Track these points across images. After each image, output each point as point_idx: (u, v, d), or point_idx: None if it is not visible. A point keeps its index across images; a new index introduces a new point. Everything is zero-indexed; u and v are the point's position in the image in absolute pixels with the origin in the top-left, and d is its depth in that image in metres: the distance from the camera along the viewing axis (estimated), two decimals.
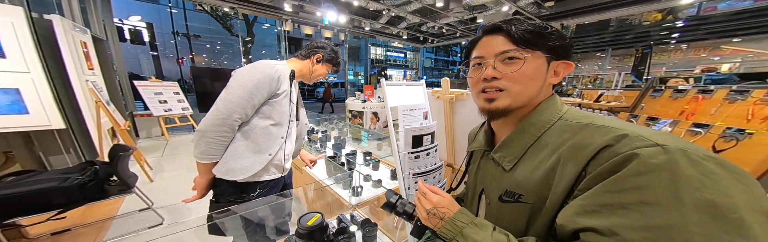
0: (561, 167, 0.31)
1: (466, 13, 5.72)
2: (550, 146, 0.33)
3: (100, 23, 3.07)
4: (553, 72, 0.37)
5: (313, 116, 2.95)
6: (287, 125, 0.80)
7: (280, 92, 0.76)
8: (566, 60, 0.37)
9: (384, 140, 1.99)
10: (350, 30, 6.90)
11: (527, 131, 0.37)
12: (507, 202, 0.36)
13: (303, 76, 0.87)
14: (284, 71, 0.78)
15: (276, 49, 8.42)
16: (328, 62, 0.88)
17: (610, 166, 0.26)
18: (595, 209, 0.26)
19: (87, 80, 1.96)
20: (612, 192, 0.25)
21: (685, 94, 1.90)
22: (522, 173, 0.35)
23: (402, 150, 0.81)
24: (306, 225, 0.58)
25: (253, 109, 0.72)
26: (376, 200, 1.20)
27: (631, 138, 0.26)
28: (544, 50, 0.35)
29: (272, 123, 0.77)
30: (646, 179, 0.24)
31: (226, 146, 0.72)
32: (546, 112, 0.37)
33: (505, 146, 0.39)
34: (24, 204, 1.08)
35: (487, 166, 0.43)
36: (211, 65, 6.28)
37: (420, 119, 0.86)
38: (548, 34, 0.35)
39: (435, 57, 21.54)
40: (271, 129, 0.77)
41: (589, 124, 0.32)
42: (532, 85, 0.36)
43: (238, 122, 0.71)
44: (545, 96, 0.38)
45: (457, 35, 7.50)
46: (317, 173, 1.47)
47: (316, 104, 9.22)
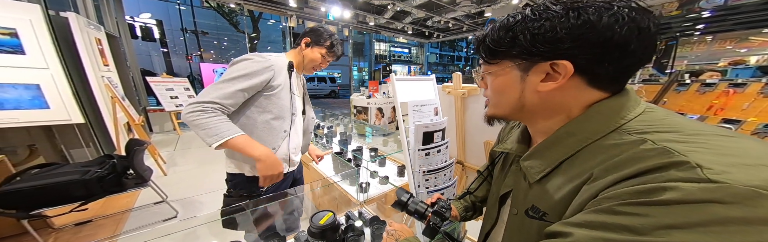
0: (588, 184, 0.26)
1: (474, 7, 5.53)
2: (592, 162, 0.27)
3: (113, 20, 3.13)
4: (540, 77, 0.29)
5: (317, 112, 2.96)
6: (289, 118, 0.78)
7: (276, 83, 0.73)
8: (556, 59, 0.27)
9: (389, 136, 1.97)
10: (354, 25, 6.80)
11: (562, 142, 0.31)
12: (532, 218, 0.33)
13: (299, 66, 0.82)
14: (279, 62, 0.74)
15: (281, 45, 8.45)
16: (317, 45, 0.79)
17: (625, 194, 0.22)
18: (579, 223, 0.24)
19: (103, 76, 2.01)
20: (605, 212, 0.22)
21: (714, 88, 1.78)
22: (549, 189, 0.31)
23: (412, 147, 0.79)
24: (318, 224, 0.58)
25: (239, 96, 0.68)
26: (383, 197, 1.20)
27: (685, 169, 0.20)
28: (509, 58, 0.30)
29: (272, 117, 0.75)
30: (660, 211, 0.19)
31: (219, 120, 0.66)
32: (594, 120, 0.28)
33: (535, 156, 0.34)
34: (48, 195, 1.13)
35: (519, 174, 0.38)
36: (219, 61, 6.37)
37: (430, 115, 0.84)
38: (508, 42, 0.29)
39: (440, 52, 21.13)
40: (272, 123, 0.75)
41: (646, 140, 0.24)
42: (502, 98, 0.33)
43: (216, 104, 0.66)
44: (567, 105, 0.30)
45: (463, 30, 7.30)
46: (324, 170, 1.47)
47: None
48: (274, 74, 0.72)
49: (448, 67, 21.59)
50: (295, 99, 0.80)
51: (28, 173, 1.23)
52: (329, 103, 9.11)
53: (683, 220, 0.19)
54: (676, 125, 0.25)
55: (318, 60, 0.81)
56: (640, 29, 0.24)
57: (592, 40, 0.25)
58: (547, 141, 0.33)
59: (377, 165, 1.54)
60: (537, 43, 0.27)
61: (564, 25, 0.25)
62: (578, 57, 0.26)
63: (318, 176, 1.45)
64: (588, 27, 0.24)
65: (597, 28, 0.24)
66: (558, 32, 0.25)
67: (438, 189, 0.84)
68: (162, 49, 8.52)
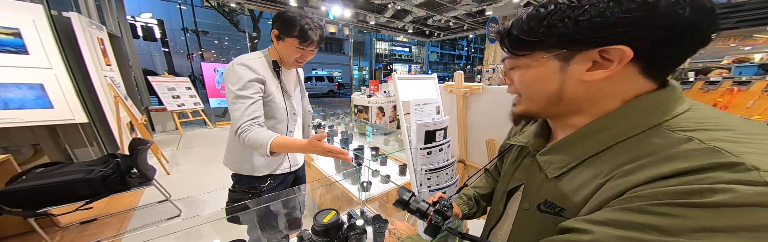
0: (615, 181, 0.24)
1: (475, 6, 5.50)
2: (623, 158, 0.25)
3: (114, 20, 3.13)
4: (586, 66, 0.26)
5: (318, 112, 2.97)
6: (291, 119, 0.78)
7: (269, 90, 0.72)
8: (607, 45, 0.24)
9: (390, 135, 1.97)
10: (355, 24, 6.78)
11: (593, 137, 0.29)
12: (545, 212, 0.32)
13: (282, 61, 0.76)
14: (257, 63, 0.70)
15: None
16: (287, 36, 0.68)
17: (667, 192, 0.20)
18: (601, 220, 0.23)
19: (105, 75, 2.02)
20: (633, 211, 0.21)
21: (718, 86, 1.78)
22: (570, 184, 0.30)
23: (414, 146, 0.79)
24: (322, 223, 0.58)
25: (258, 105, 0.68)
26: (385, 195, 1.20)
27: (739, 171, 0.19)
28: (543, 49, 0.28)
29: (276, 122, 0.75)
30: (701, 214, 0.18)
31: (255, 133, 0.65)
32: (633, 115, 0.27)
33: (556, 151, 0.33)
34: (54, 194, 1.15)
35: (532, 168, 0.37)
36: (220, 61, 6.39)
37: (432, 113, 0.84)
38: (544, 31, 0.26)
39: (440, 51, 21.06)
40: (277, 128, 0.76)
41: (692, 139, 0.22)
42: (538, 91, 0.30)
43: (249, 122, 0.66)
44: (610, 97, 0.28)
45: (464, 28, 7.25)
46: (326, 169, 1.48)
47: None
48: (265, 81, 0.70)
49: (448, 66, 21.53)
50: (291, 100, 0.78)
51: (33, 173, 1.24)
52: (330, 102, 9.13)
53: (728, 223, 0.18)
54: (729, 124, 0.23)
55: (294, 53, 0.71)
56: (703, 7, 0.22)
57: (654, 22, 0.23)
58: (574, 135, 0.31)
59: (379, 164, 1.54)
60: (583, 30, 0.24)
61: (616, 8, 0.23)
62: (638, 41, 0.24)
63: (320, 175, 1.46)
64: (648, 7, 0.22)
65: (658, 8, 0.22)
66: (609, 17, 0.23)
67: (440, 187, 0.84)
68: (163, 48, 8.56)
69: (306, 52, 0.72)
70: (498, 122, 0.85)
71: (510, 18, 5.77)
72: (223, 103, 4.34)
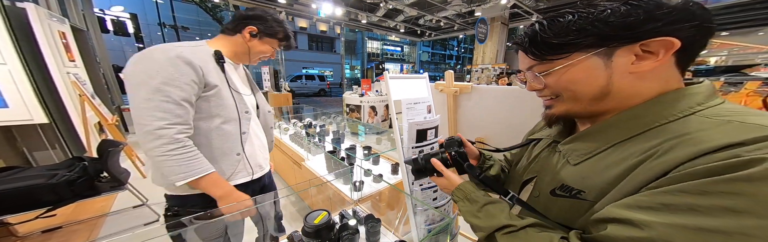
0: (650, 161, 0.25)
1: (464, 6, 5.60)
2: (656, 140, 0.26)
3: (79, 13, 2.90)
4: (630, 59, 0.28)
5: (309, 111, 2.91)
6: (243, 118, 0.67)
7: (211, 81, 0.60)
8: (648, 39, 0.26)
9: (383, 135, 1.97)
10: (346, 23, 6.70)
11: (623, 126, 0.30)
12: (559, 196, 0.33)
13: (239, 56, 0.69)
14: (189, 51, 0.58)
15: None
16: (269, 37, 0.68)
17: (716, 168, 0.20)
18: (652, 206, 0.22)
19: (69, 72, 1.86)
20: (690, 193, 0.20)
21: None
22: (592, 168, 0.31)
23: (406, 144, 0.79)
24: (313, 224, 0.57)
25: (187, 106, 0.55)
26: (377, 195, 1.20)
27: None
28: (582, 50, 0.29)
29: (222, 121, 0.63)
30: (758, 188, 0.18)
31: (195, 153, 0.56)
32: (668, 104, 0.28)
33: (582, 139, 0.34)
34: (10, 201, 1.04)
35: (550, 158, 0.38)
36: None
37: (423, 112, 0.84)
38: (577, 34, 0.28)
39: (432, 51, 21.32)
40: (224, 128, 0.63)
41: (732, 121, 0.23)
42: (585, 88, 0.31)
43: (176, 128, 0.54)
44: (652, 87, 0.29)
45: (454, 29, 7.38)
46: (317, 169, 1.45)
47: None
48: (204, 72, 0.58)
49: (439, 65, 21.84)
50: (240, 96, 0.68)
51: None
52: (321, 101, 8.99)
53: None
54: (762, 113, 0.25)
55: (268, 52, 0.71)
56: (705, 9, 0.26)
57: (681, 17, 0.25)
58: (602, 124, 0.32)
59: (371, 163, 1.54)
60: (618, 29, 0.27)
61: (651, 6, 0.26)
62: (674, 33, 0.26)
63: (311, 175, 1.43)
64: (668, 6, 0.25)
65: (677, 6, 0.25)
66: (639, 14, 0.26)
67: (432, 185, 0.84)
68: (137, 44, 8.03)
69: (274, 53, 0.74)
70: (487, 121, 0.87)
71: (498, 19, 5.94)
72: None
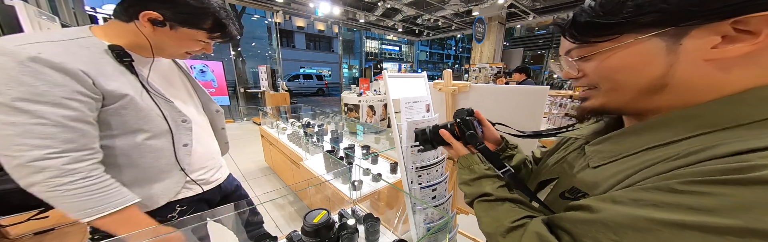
0: (667, 162, 0.22)
1: (462, 6, 5.60)
2: (689, 146, 0.22)
3: (69, 11, 2.85)
4: (710, 42, 0.21)
5: (307, 111, 2.90)
6: (175, 129, 0.52)
7: (113, 89, 0.43)
8: (736, 15, 0.19)
9: (381, 134, 1.97)
10: (344, 22, 6.67)
11: (666, 127, 0.24)
12: (566, 199, 0.30)
13: (148, 49, 0.49)
14: (78, 51, 0.41)
15: (266, 42, 8.13)
16: (187, 26, 0.47)
17: (707, 170, 0.18)
18: (620, 200, 0.21)
19: None
20: (662, 190, 0.19)
21: None
22: (607, 172, 0.27)
23: (405, 143, 0.79)
24: (312, 223, 0.56)
25: (82, 127, 0.41)
26: (376, 194, 1.20)
27: None
28: (636, 30, 0.23)
29: (148, 136, 0.49)
30: (743, 192, 0.16)
31: (105, 184, 0.44)
32: (753, 103, 0.21)
33: (612, 140, 0.29)
34: (1, 203, 1.03)
35: (576, 160, 0.33)
36: (197, 58, 6.06)
37: (422, 111, 0.84)
38: (633, 11, 0.22)
39: (430, 50, 21.35)
40: (152, 145, 0.50)
41: None
42: (631, 78, 0.25)
43: (69, 156, 0.40)
44: (737, 80, 0.22)
45: (452, 28, 7.38)
46: (316, 168, 1.45)
47: None
48: (95, 79, 0.41)
49: (437, 65, 21.88)
50: (169, 104, 0.53)
51: None
52: (319, 101, 8.96)
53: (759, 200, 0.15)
54: None
55: (190, 46, 0.51)
56: None
57: None
58: (642, 124, 0.27)
59: (370, 163, 1.54)
60: (704, 2, 0.20)
61: None
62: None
63: (309, 174, 1.43)
64: None
65: None
66: None
67: (430, 184, 0.85)
68: None
69: (208, 45, 0.54)
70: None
71: (495, 19, 5.96)
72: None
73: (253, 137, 3.46)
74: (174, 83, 0.60)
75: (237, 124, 4.58)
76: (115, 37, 0.47)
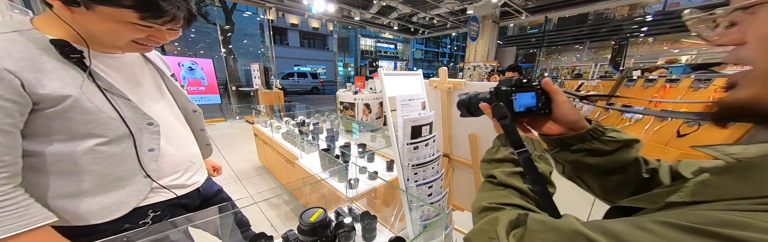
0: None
1: (457, 4, 5.61)
2: None
3: (43, 4, 2.70)
4: None
5: (302, 109, 2.86)
6: (136, 134, 0.47)
7: (49, 92, 0.38)
8: None
9: (377, 132, 1.97)
10: (339, 20, 6.58)
11: None
12: None
13: (77, 38, 0.42)
14: (10, 46, 0.37)
15: (259, 39, 7.94)
16: (103, 3, 0.37)
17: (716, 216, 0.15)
18: (596, 225, 0.19)
19: None
20: (632, 224, 0.17)
21: (655, 83, 2.07)
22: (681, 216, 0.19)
23: (401, 141, 0.79)
24: (309, 222, 0.56)
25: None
26: (373, 192, 1.20)
27: None
28: None
29: (101, 142, 0.44)
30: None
31: (13, 201, 0.37)
32: None
33: (737, 172, 0.18)
34: None
35: (694, 187, 0.21)
36: (186, 54, 5.86)
37: (418, 109, 0.84)
38: None
39: (425, 48, 21.38)
40: (106, 151, 0.45)
41: None
42: None
43: (8, 174, 0.37)
44: None
45: (447, 26, 7.39)
46: (311, 167, 1.44)
47: None
48: (23, 79, 0.36)
49: (432, 63, 21.96)
50: (130, 105, 0.47)
51: None
52: (314, 99, 8.86)
53: None
54: None
55: (125, 32, 0.41)
56: None
57: None
58: None
59: (366, 161, 1.53)
60: None
61: None
62: None
63: (304, 173, 1.41)
64: None
65: None
66: None
67: (427, 181, 0.85)
68: None
69: (157, 32, 0.44)
70: (479, 117, 0.89)
71: (489, 17, 6.00)
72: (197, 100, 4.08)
73: (246, 136, 3.40)
74: (141, 81, 0.54)
75: (229, 123, 4.49)
76: (55, 28, 0.41)
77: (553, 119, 0.35)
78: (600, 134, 0.32)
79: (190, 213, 0.60)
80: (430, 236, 0.81)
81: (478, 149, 0.92)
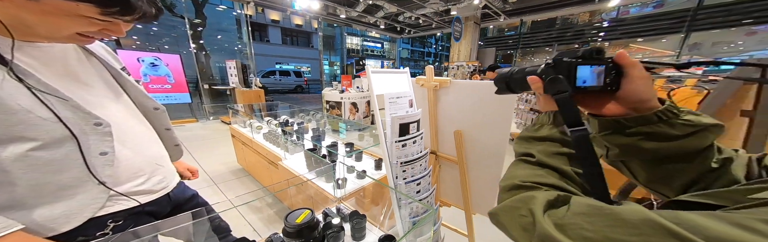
0: None
1: (442, 5, 5.73)
2: None
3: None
4: None
5: (284, 108, 2.73)
6: (81, 137, 0.42)
7: None
8: None
9: (365, 131, 1.95)
10: (324, 17, 6.42)
11: None
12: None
13: (20, 29, 0.36)
14: None
15: (235, 34, 7.40)
16: None
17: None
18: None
19: None
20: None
21: None
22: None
23: (389, 139, 0.79)
24: (295, 223, 0.54)
25: None
26: (361, 191, 1.19)
27: None
28: None
29: (33, 147, 0.38)
30: None
31: None
32: None
33: None
34: None
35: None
36: (147, 49, 5.28)
37: (406, 107, 0.84)
38: None
39: (411, 48, 21.61)
40: (42, 157, 0.39)
41: None
42: None
43: None
44: None
45: (432, 27, 7.52)
46: (296, 168, 1.39)
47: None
48: None
49: (418, 62, 22.28)
50: (68, 105, 0.41)
51: None
52: (298, 98, 8.59)
53: None
54: None
55: (80, 26, 0.36)
56: None
57: None
58: None
59: (354, 160, 1.52)
60: None
61: None
62: None
63: (289, 174, 1.36)
64: None
65: None
66: None
67: (415, 178, 0.86)
68: None
69: (114, 25, 0.39)
70: (465, 114, 0.91)
71: (471, 18, 6.21)
72: (162, 99, 3.73)
73: (222, 137, 3.21)
74: (82, 76, 0.47)
75: (201, 123, 4.19)
76: None
77: (618, 97, 0.29)
78: (672, 116, 0.27)
79: (159, 220, 0.55)
80: (418, 232, 0.82)
81: (463, 146, 0.95)
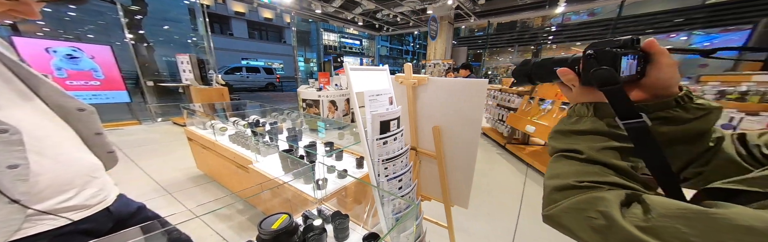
0: None
1: (418, 3, 5.81)
2: None
3: None
4: None
5: (255, 107, 2.53)
6: None
7: None
8: None
9: (345, 129, 1.91)
10: (298, 11, 6.05)
11: None
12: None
13: None
14: None
15: (189, 26, 6.44)
16: None
17: None
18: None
19: None
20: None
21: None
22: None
23: (370, 137, 0.78)
24: (270, 230, 0.50)
25: None
26: (343, 190, 1.17)
27: None
28: None
29: None
30: None
31: None
32: None
33: None
34: None
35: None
36: (60, 38, 4.25)
37: (386, 104, 0.84)
38: None
39: (390, 46, 21.66)
40: None
41: None
42: None
43: None
44: None
45: (410, 25, 7.62)
46: (270, 171, 1.30)
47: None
48: None
49: (397, 60, 22.45)
50: None
51: None
52: (270, 97, 8.06)
53: None
54: None
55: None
56: None
57: None
58: None
59: (334, 160, 1.48)
60: None
61: None
62: None
63: (262, 178, 1.28)
64: None
65: None
66: None
67: (396, 175, 0.87)
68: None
69: (23, 5, 0.34)
70: (443, 110, 0.94)
71: (446, 18, 6.45)
72: (88, 99, 3.08)
73: (175, 140, 2.89)
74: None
75: (146, 126, 3.67)
76: None
77: (642, 84, 0.29)
78: (688, 100, 0.28)
79: (98, 238, 0.47)
80: (402, 228, 0.83)
81: (441, 141, 0.98)
